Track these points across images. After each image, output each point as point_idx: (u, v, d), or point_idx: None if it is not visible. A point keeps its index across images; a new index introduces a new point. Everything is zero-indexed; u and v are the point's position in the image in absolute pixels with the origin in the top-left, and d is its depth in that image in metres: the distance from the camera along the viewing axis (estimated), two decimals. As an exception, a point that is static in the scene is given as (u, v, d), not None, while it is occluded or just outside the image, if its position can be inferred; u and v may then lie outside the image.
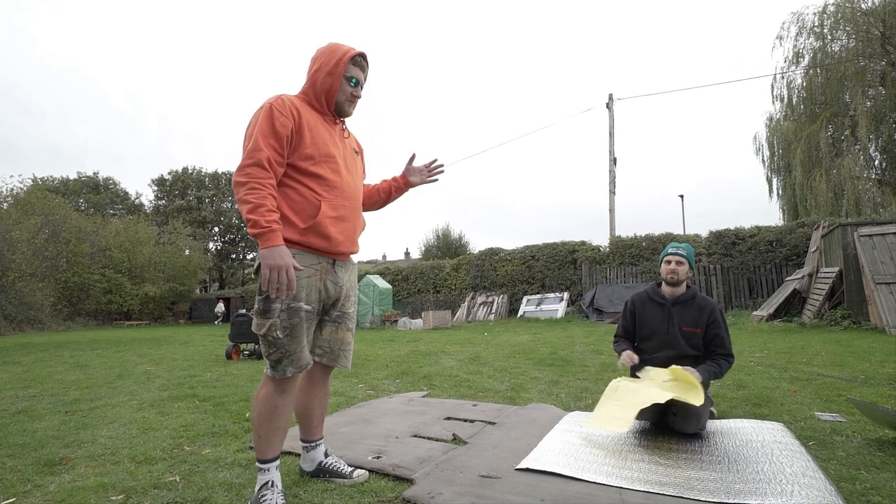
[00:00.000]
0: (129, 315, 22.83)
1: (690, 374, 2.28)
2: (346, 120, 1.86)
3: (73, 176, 32.61)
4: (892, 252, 7.16)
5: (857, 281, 7.49)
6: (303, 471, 1.91)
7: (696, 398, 2.10)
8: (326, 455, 1.90)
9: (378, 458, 2.11)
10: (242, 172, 1.53)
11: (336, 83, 1.70)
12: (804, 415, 2.59)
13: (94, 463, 2.17)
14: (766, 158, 16.69)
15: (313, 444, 1.90)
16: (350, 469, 1.84)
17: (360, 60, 1.74)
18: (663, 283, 2.76)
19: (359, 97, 1.79)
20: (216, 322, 21.39)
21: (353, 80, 1.73)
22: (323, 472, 1.87)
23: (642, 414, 2.35)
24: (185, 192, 32.05)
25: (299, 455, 2.01)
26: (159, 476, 1.97)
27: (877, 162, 15.00)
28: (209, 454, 2.24)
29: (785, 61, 15.62)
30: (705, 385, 2.46)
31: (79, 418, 3.07)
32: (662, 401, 2.11)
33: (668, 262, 2.71)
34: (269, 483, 1.62)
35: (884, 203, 13.96)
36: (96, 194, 32.36)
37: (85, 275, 21.17)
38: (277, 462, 1.67)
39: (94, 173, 33.40)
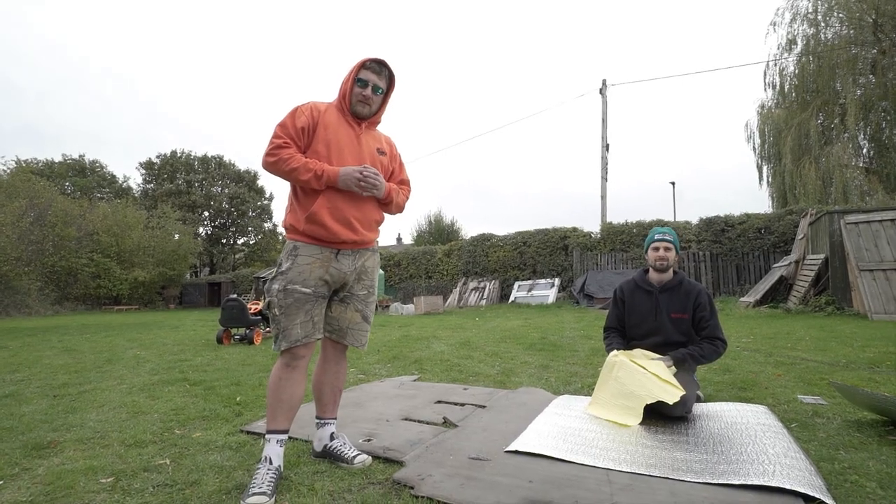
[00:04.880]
0: (118, 300, 22.61)
1: (665, 365, 2.34)
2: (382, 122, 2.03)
3: (58, 158, 31.87)
4: (876, 239, 7.28)
5: (842, 268, 7.61)
6: (314, 451, 1.97)
7: (671, 396, 2.15)
8: (332, 438, 1.94)
9: (369, 440, 2.12)
10: (270, 155, 1.78)
11: (349, 86, 1.88)
12: (787, 398, 2.65)
13: (83, 446, 2.16)
14: (756, 146, 16.77)
15: (322, 422, 1.97)
16: (354, 454, 1.87)
17: (372, 65, 1.87)
18: (651, 269, 2.77)
19: (369, 97, 1.89)
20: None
21: (362, 83, 1.87)
22: (327, 455, 1.91)
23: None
24: (174, 175, 31.54)
25: (308, 441, 2.10)
26: (149, 459, 1.97)
27: (865, 150, 15.15)
28: (200, 437, 2.24)
29: (778, 48, 15.63)
30: (686, 366, 2.50)
31: (67, 402, 3.05)
32: (660, 398, 2.17)
33: (657, 248, 2.72)
34: (266, 458, 1.70)
35: (870, 191, 14.13)
36: (83, 177, 31.67)
37: (72, 259, 20.85)
38: (281, 437, 1.76)
39: (80, 156, 32.65)
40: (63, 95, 59.15)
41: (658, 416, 2.34)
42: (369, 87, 1.87)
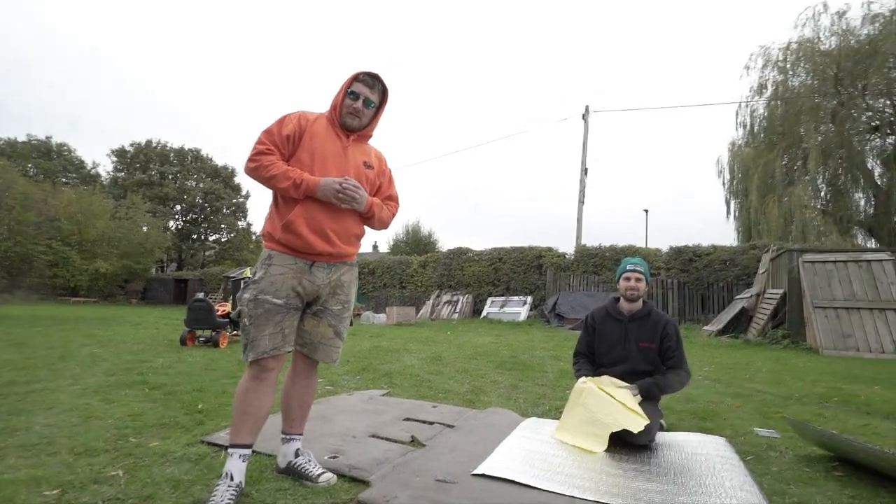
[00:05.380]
0: (76, 291, 21.53)
1: (631, 394, 2.41)
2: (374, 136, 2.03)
3: (21, 138, 30.39)
4: (829, 279, 7.69)
5: (799, 303, 8.00)
6: (277, 467, 1.92)
7: (636, 425, 2.23)
8: (297, 455, 1.89)
9: (335, 457, 2.08)
10: (251, 160, 1.78)
11: (341, 97, 1.88)
12: (745, 429, 2.75)
13: (28, 453, 2.04)
14: (726, 181, 17.54)
15: (287, 438, 1.92)
16: (319, 472, 1.82)
17: (365, 78, 1.88)
18: (622, 298, 2.85)
19: (359, 110, 1.88)
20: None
21: (353, 95, 1.87)
22: (291, 472, 1.86)
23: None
24: (147, 165, 30.54)
25: (271, 456, 2.03)
26: (100, 469, 1.87)
27: (823, 193, 16.05)
28: (157, 447, 2.15)
29: (750, 90, 16.47)
30: (651, 395, 2.58)
31: (12, 402, 2.88)
32: (625, 427, 2.22)
33: (628, 278, 2.81)
34: (227, 474, 1.65)
35: (826, 231, 14.94)
36: (48, 160, 30.26)
37: (29, 245, 19.81)
38: (245, 452, 1.71)
39: (47, 137, 31.21)
40: (35, 71, 56.42)
41: (622, 443, 2.39)
42: (360, 99, 1.87)
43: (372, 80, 1.89)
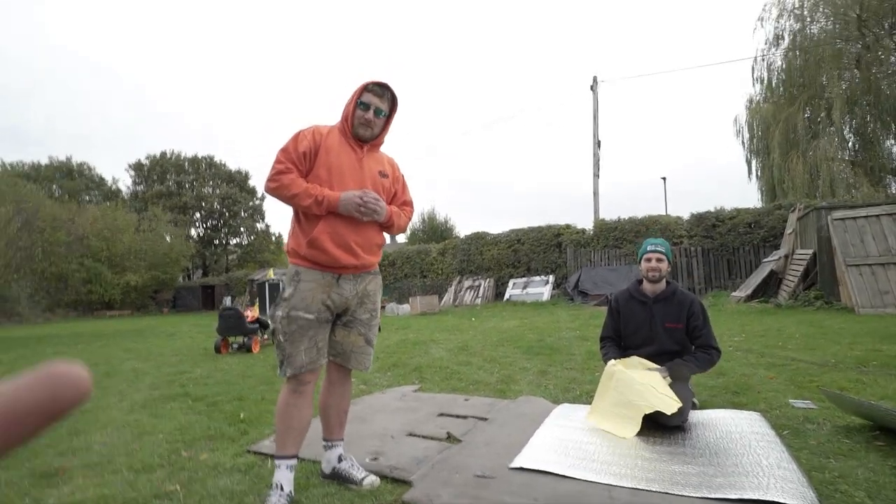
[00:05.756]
0: (110, 305, 22.39)
1: (661, 376, 2.41)
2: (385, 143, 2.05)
3: (44, 161, 31.37)
4: (862, 235, 7.43)
5: (830, 263, 7.77)
6: (322, 472, 2.01)
7: (668, 407, 2.23)
8: (340, 460, 1.97)
9: (375, 459, 2.17)
10: (272, 181, 1.82)
11: (352, 109, 1.90)
12: (779, 402, 2.73)
13: (92, 473, 2.19)
14: (745, 140, 16.95)
15: (329, 444, 2.01)
16: (362, 476, 1.91)
17: (374, 88, 1.89)
18: (644, 280, 2.84)
19: (371, 120, 1.89)
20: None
21: (363, 105, 1.89)
22: (336, 477, 1.95)
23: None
24: (164, 176, 31.19)
25: (315, 462, 2.12)
26: (159, 485, 2.00)
27: (850, 143, 15.38)
28: (207, 459, 2.27)
29: (766, 43, 15.76)
30: (682, 376, 2.58)
31: (70, 423, 3.05)
32: (657, 408, 2.24)
33: (649, 259, 2.78)
34: (277, 485, 1.75)
35: (856, 184, 14.36)
36: (70, 180, 31.22)
37: (62, 264, 20.61)
38: (290, 462, 1.80)
39: (68, 158, 32.12)
40: (48, 95, 57.91)
41: (655, 425, 2.41)
42: (371, 110, 1.89)
43: (381, 90, 1.90)
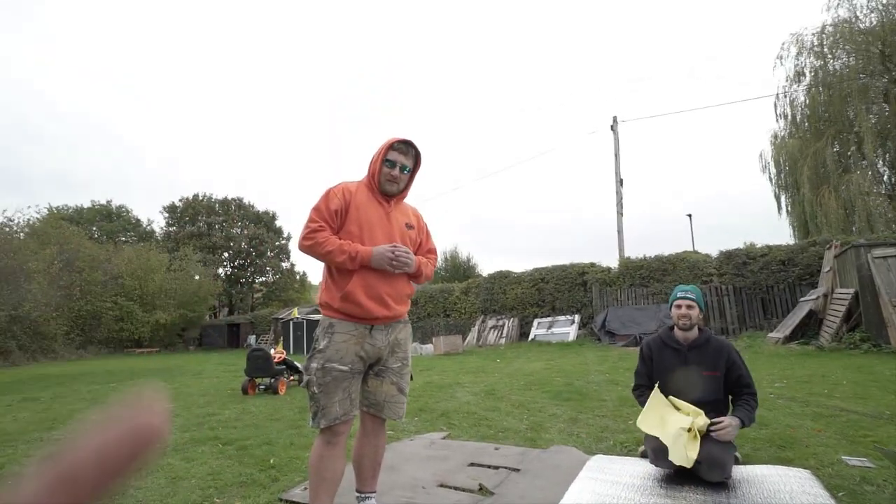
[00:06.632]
0: (139, 342, 22.95)
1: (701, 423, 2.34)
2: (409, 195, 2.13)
3: (86, 204, 33.29)
4: (907, 273, 7.10)
5: (874, 303, 7.41)
6: None
7: (680, 458, 2.19)
8: None
9: (407, 512, 2.12)
10: (306, 239, 1.89)
11: (378, 167, 1.98)
12: (830, 459, 2.57)
13: (128, 519, 2.21)
14: (772, 176, 16.75)
15: (363, 496, 2.00)
16: None
17: (399, 146, 1.99)
18: (675, 327, 2.78)
19: (397, 177, 1.99)
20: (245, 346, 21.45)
21: (390, 163, 1.98)
22: None
23: (667, 462, 2.36)
24: (195, 218, 32.55)
25: None
26: (194, 534, 2.00)
27: (886, 177, 14.99)
28: (239, 508, 2.27)
29: (787, 80, 15.80)
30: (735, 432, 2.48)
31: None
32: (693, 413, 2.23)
33: (679, 306, 2.73)
34: None
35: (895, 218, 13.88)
36: (109, 222, 32.92)
37: (97, 303, 21.40)
38: None
39: (108, 201, 34.04)
40: (90, 143, 62.30)
41: (697, 481, 2.30)
42: (397, 167, 1.98)
43: (406, 147, 2.01)
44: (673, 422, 2.33)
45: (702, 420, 2.34)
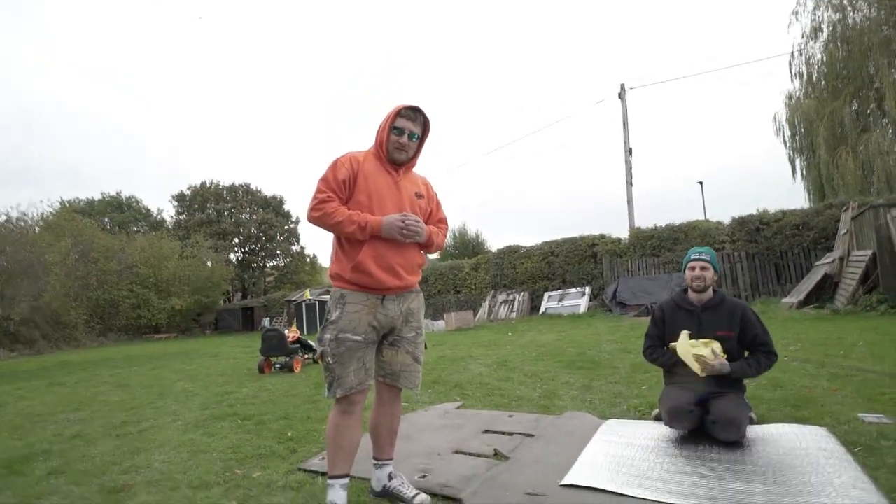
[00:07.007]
0: (157, 328, 23.48)
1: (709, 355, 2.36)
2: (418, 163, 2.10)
3: (97, 196, 33.64)
4: (927, 232, 6.92)
5: (893, 264, 7.26)
6: (373, 490, 2.02)
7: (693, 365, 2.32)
8: (391, 478, 1.99)
9: (424, 476, 2.17)
10: (315, 210, 1.86)
11: (386, 134, 1.94)
12: (847, 416, 2.56)
13: (154, 489, 2.28)
14: (787, 138, 16.26)
15: (380, 464, 2.02)
16: (413, 494, 1.91)
17: (407, 112, 1.94)
18: (689, 289, 2.74)
19: (406, 144, 1.95)
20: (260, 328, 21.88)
21: (398, 130, 1.94)
22: (387, 495, 1.97)
23: (681, 423, 2.36)
24: (204, 205, 32.73)
25: (364, 479, 2.13)
26: (217, 501, 2.06)
27: (906, 135, 14.46)
28: (260, 477, 2.33)
29: (802, 37, 15.17)
30: (739, 379, 2.48)
31: (130, 442, 3.21)
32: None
33: (693, 268, 2.69)
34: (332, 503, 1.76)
35: (916, 178, 13.45)
36: (120, 213, 33.29)
37: (114, 291, 21.84)
38: (343, 481, 1.83)
39: (118, 192, 34.34)
40: (96, 137, 62.61)
41: (711, 440, 2.31)
42: (405, 134, 1.94)
43: (414, 114, 1.96)
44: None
45: (717, 344, 2.42)
